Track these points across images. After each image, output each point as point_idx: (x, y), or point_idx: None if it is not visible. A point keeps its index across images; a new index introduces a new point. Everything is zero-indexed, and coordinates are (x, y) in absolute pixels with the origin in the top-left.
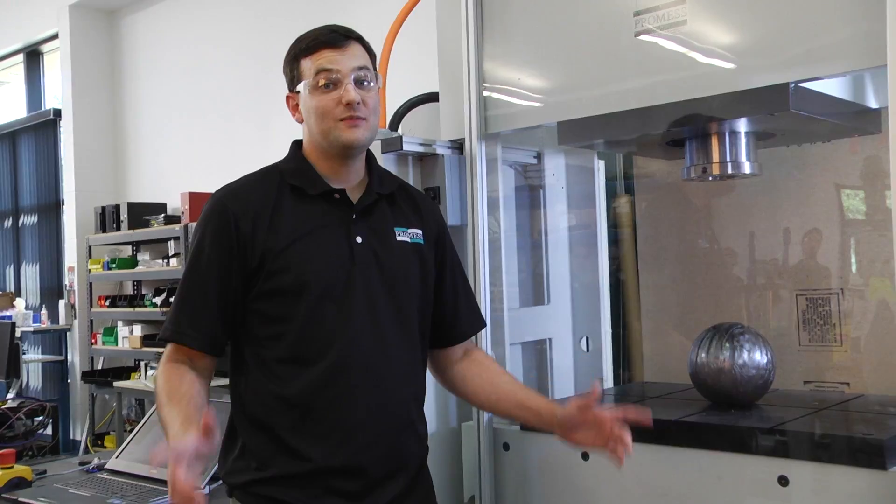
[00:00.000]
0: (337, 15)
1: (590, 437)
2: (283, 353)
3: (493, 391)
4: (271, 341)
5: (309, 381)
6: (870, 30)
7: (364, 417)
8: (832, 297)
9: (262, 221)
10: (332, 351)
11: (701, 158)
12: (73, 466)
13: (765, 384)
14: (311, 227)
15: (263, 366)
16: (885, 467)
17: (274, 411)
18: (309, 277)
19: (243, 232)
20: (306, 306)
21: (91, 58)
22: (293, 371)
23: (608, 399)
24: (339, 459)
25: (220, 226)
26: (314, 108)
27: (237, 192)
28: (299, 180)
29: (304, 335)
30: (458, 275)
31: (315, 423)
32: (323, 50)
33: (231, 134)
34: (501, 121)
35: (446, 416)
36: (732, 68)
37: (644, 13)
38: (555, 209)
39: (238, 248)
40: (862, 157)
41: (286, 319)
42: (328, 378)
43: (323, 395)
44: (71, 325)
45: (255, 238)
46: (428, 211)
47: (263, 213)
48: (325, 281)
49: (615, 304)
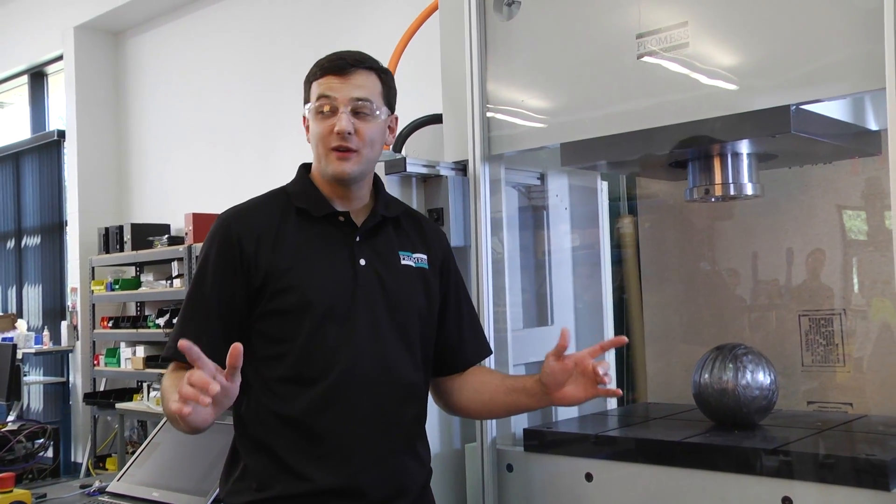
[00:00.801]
0: (342, 38)
1: (579, 388)
2: (284, 372)
3: (484, 390)
4: (273, 361)
5: (309, 402)
6: (869, 53)
7: (364, 439)
8: (835, 318)
9: (265, 242)
10: (334, 371)
11: (703, 180)
12: (74, 489)
13: (768, 405)
14: (315, 248)
15: (265, 385)
16: (888, 488)
17: (274, 431)
18: (311, 297)
19: (246, 252)
20: (308, 326)
21: (95, 79)
22: (294, 391)
23: (612, 419)
24: (339, 481)
25: (223, 246)
26: (312, 132)
27: (242, 213)
28: (304, 202)
29: (305, 355)
30: (463, 302)
31: (315, 443)
32: (327, 76)
33: (235, 155)
34: (505, 142)
35: (450, 437)
36: (734, 90)
37: (646, 35)
38: (558, 230)
39: (241, 268)
40: (863, 178)
41: (288, 339)
42: (329, 398)
43: (323, 415)
44: (73, 346)
45: (258, 258)
46: (433, 237)
47: (267, 233)
48: (327, 301)
49: (619, 325)
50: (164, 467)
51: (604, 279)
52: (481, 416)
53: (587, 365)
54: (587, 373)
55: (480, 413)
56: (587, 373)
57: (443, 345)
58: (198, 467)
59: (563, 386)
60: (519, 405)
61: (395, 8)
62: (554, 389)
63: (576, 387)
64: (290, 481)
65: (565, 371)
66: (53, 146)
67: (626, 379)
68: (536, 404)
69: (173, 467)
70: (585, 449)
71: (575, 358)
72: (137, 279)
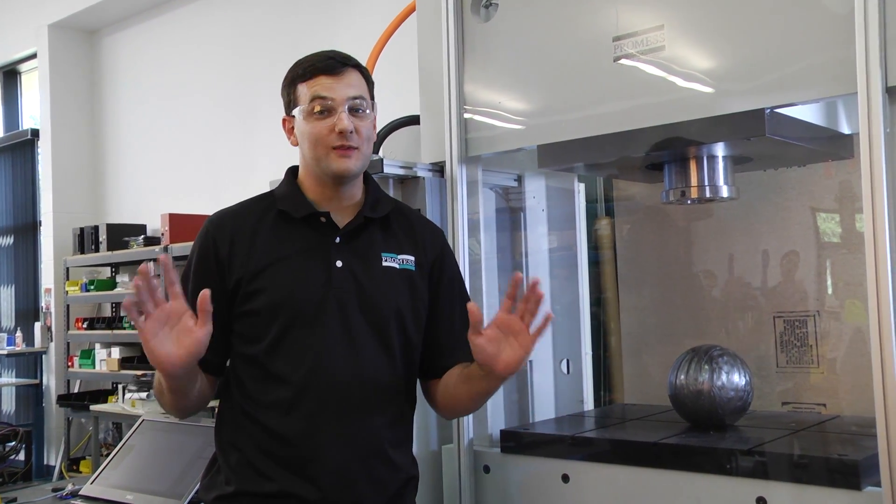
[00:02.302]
0: (319, 37)
1: (516, 347)
2: (254, 372)
3: (450, 383)
4: (246, 361)
5: (275, 404)
6: (842, 58)
7: (328, 444)
8: (809, 319)
9: (240, 245)
10: (299, 374)
11: (679, 182)
12: (46, 493)
13: (743, 406)
14: (291, 250)
15: (240, 386)
16: (859, 487)
17: (244, 430)
18: (280, 300)
19: (221, 255)
20: (277, 328)
21: (70, 78)
22: (263, 391)
23: (588, 421)
24: (301, 485)
25: (202, 250)
26: (308, 134)
27: (223, 216)
28: (286, 205)
29: (272, 356)
30: (457, 302)
31: (279, 445)
32: (319, 77)
33: (212, 155)
34: (482, 144)
35: (427, 439)
36: (709, 94)
37: (623, 38)
38: (535, 231)
39: (217, 271)
40: (836, 182)
41: (258, 341)
42: (294, 401)
43: (288, 417)
44: (47, 347)
45: (231, 261)
46: (425, 237)
47: (242, 236)
48: (296, 304)
49: (595, 327)
50: (138, 470)
51: (581, 281)
52: (458, 411)
53: (508, 322)
54: (513, 328)
55: (455, 408)
56: (513, 328)
57: (434, 348)
58: (173, 469)
59: (500, 355)
60: (479, 391)
61: (372, 8)
62: (493, 364)
63: (512, 349)
64: (255, 480)
65: (492, 341)
66: (27, 145)
67: (603, 380)
68: (491, 384)
69: (148, 470)
70: (562, 450)
71: (494, 322)
72: (113, 280)
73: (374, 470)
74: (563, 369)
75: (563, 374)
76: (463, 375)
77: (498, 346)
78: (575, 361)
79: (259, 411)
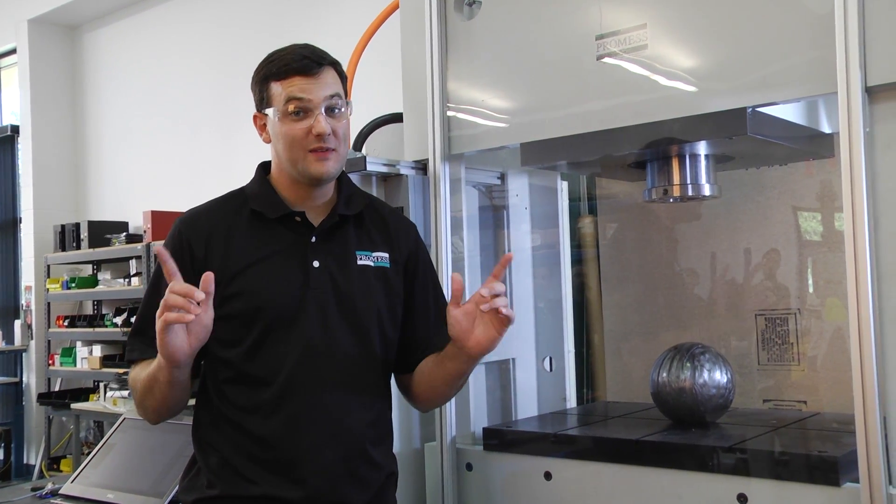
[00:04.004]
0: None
1: (489, 327)
2: (232, 375)
3: (425, 371)
4: (223, 364)
5: (256, 407)
6: (822, 58)
7: (310, 446)
8: (790, 317)
9: (216, 246)
10: (280, 377)
11: (662, 180)
12: (25, 493)
13: (725, 403)
14: (267, 251)
15: (218, 389)
16: (838, 483)
17: (224, 433)
18: (260, 303)
19: (196, 257)
20: (256, 331)
21: (51, 74)
22: (242, 395)
23: (571, 418)
24: (286, 487)
25: (175, 252)
26: (283, 135)
27: (195, 216)
28: (260, 204)
29: (252, 360)
30: (431, 298)
31: (261, 449)
32: (294, 77)
33: (194, 152)
34: (465, 141)
35: (410, 437)
36: (692, 92)
37: (606, 37)
38: (518, 229)
39: (192, 273)
40: (817, 180)
41: (236, 343)
42: (276, 403)
43: (270, 420)
44: (27, 345)
45: (207, 263)
46: (399, 232)
47: (217, 237)
48: (276, 306)
49: (578, 324)
50: (119, 468)
51: (563, 279)
52: (434, 399)
53: (486, 304)
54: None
55: (431, 396)
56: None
57: (410, 343)
58: (154, 468)
59: (474, 331)
60: (452, 373)
61: (355, 5)
62: (465, 340)
63: (485, 327)
64: (237, 483)
65: (468, 314)
66: (7, 141)
67: (586, 378)
68: (463, 365)
69: (129, 468)
70: (544, 448)
71: (474, 298)
72: (94, 277)
73: (357, 469)
74: (546, 367)
75: (546, 371)
76: (436, 361)
77: (472, 322)
78: (558, 359)
79: (239, 415)
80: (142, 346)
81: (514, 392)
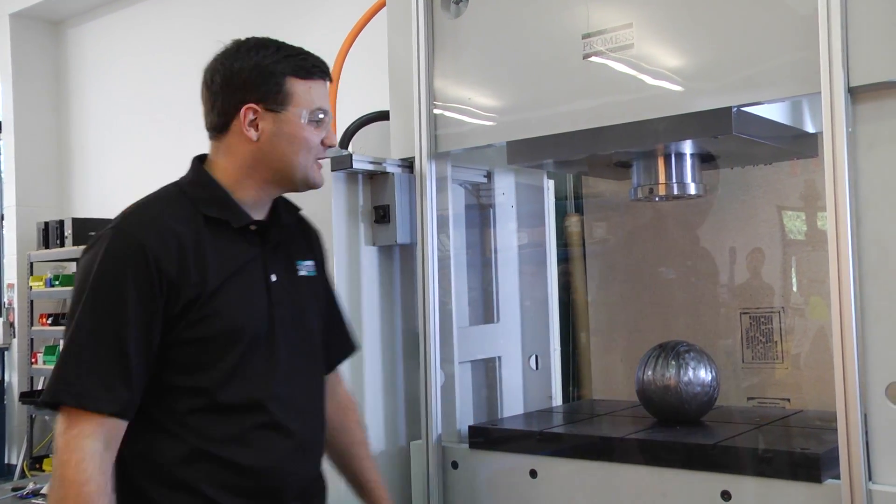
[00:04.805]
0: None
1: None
2: (202, 404)
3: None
4: (187, 392)
5: (237, 434)
6: (806, 59)
7: (291, 470)
8: (774, 316)
9: (190, 262)
10: (261, 400)
11: (647, 179)
12: (6, 493)
13: (710, 401)
14: (236, 266)
15: (182, 421)
16: (820, 480)
17: (200, 470)
18: (239, 323)
19: (167, 276)
20: (235, 354)
21: (35, 69)
22: (218, 425)
23: (557, 416)
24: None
25: (140, 272)
26: (301, 140)
27: (152, 226)
28: (218, 211)
29: (229, 385)
30: (332, 300)
31: (246, 479)
32: (318, 80)
33: (179, 149)
34: (451, 140)
35: (395, 434)
36: (677, 92)
37: (593, 36)
38: (505, 228)
39: (161, 294)
40: (802, 180)
41: (208, 368)
42: (257, 429)
43: (252, 447)
44: (9, 344)
45: (180, 282)
46: (316, 239)
47: (186, 252)
48: (253, 326)
49: (564, 323)
50: None
51: (550, 277)
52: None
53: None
54: None
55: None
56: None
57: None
58: None
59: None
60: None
61: (342, 3)
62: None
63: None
64: None
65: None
66: None
67: (572, 376)
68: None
69: None
70: (530, 446)
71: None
72: None
73: (321, 482)
74: (532, 365)
75: (532, 370)
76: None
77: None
78: (544, 357)
79: (217, 446)
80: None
81: (500, 390)
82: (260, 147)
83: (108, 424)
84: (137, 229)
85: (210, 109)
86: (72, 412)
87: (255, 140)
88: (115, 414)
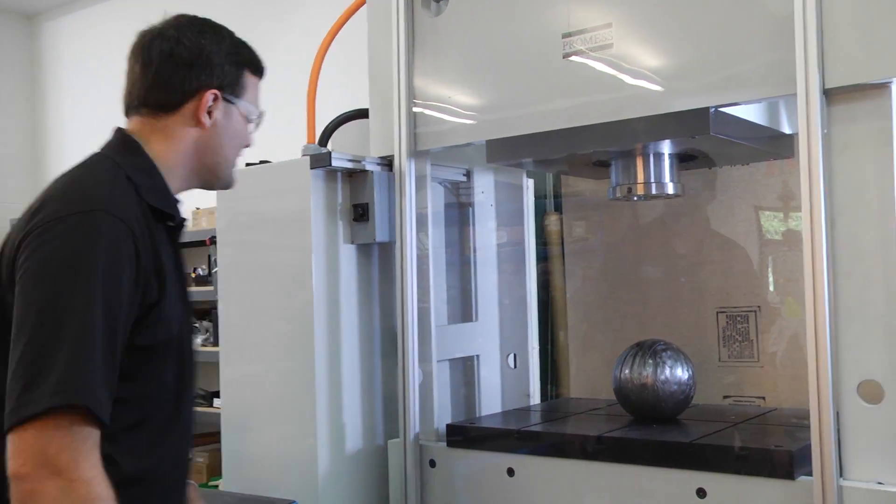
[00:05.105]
0: (268, 28)
1: None
2: (132, 419)
3: None
4: (118, 405)
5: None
6: (782, 60)
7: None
8: (750, 315)
9: (151, 256)
10: (182, 415)
11: (626, 179)
12: None
13: (686, 399)
14: (171, 265)
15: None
16: (793, 477)
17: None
18: (179, 331)
19: (147, 267)
20: (172, 364)
21: (7, 64)
22: (144, 442)
23: (534, 415)
24: None
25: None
26: (243, 137)
27: (131, 209)
28: (160, 202)
29: (156, 398)
30: None
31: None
32: (259, 80)
33: None
34: (431, 138)
35: (373, 433)
36: (656, 92)
37: (573, 35)
38: (484, 226)
39: (137, 286)
40: (778, 180)
41: (141, 379)
42: (179, 448)
43: (174, 468)
44: None
45: (149, 276)
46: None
47: (149, 243)
48: (188, 330)
49: (543, 321)
50: None
51: (528, 276)
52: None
53: None
54: None
55: None
56: None
57: None
58: None
59: None
60: None
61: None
62: None
63: None
64: None
65: None
66: None
67: (550, 375)
68: None
69: None
70: (508, 444)
71: None
72: None
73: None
74: (510, 364)
75: (510, 368)
76: None
77: None
78: (522, 356)
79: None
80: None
81: (479, 388)
82: (204, 136)
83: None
84: (121, 211)
85: (157, 83)
86: (75, 419)
87: (206, 128)
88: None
